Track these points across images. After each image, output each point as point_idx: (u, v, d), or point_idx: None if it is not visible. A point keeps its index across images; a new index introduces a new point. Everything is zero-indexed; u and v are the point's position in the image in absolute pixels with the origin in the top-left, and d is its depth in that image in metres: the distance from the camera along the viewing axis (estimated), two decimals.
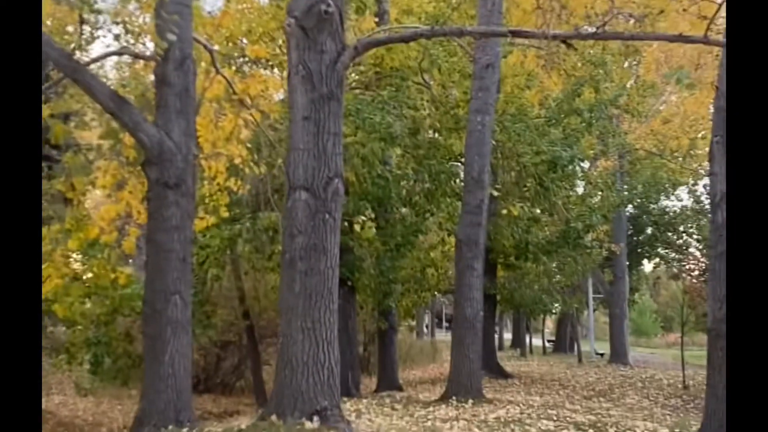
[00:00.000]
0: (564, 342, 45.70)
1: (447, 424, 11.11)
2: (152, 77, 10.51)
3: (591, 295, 35.56)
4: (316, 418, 7.80)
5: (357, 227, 9.03)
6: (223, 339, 23.90)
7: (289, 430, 7.49)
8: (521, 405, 14.28)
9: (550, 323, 57.52)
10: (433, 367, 30.06)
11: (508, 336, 54.54)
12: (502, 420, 11.89)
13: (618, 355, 30.21)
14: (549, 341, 48.12)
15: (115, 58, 18.12)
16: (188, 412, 9.93)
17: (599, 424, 11.85)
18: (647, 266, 48.09)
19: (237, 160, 11.94)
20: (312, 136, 8.16)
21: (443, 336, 54.88)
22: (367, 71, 17.81)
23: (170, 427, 9.49)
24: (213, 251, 15.61)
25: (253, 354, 20.81)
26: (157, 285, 9.91)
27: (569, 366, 29.27)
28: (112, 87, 11.24)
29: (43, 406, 20.22)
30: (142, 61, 12.56)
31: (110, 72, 23.79)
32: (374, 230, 13.49)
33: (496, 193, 16.57)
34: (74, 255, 12.58)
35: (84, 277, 13.26)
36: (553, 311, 34.60)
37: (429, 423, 11.27)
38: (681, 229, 38.01)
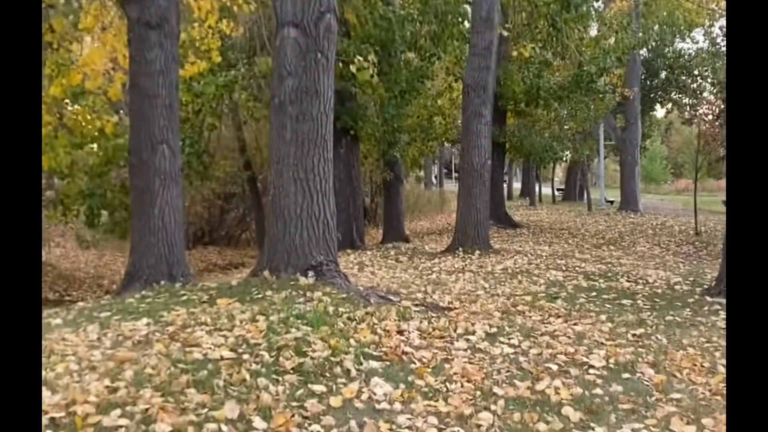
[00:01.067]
0: (573, 190, 45.38)
1: (452, 277, 10.70)
2: None
3: (602, 142, 34.94)
4: (311, 273, 7.29)
5: (352, 68, 8.24)
6: (226, 191, 23.59)
7: (282, 285, 6.99)
8: (529, 255, 13.88)
9: (559, 172, 57.15)
10: (441, 218, 29.80)
11: (517, 185, 54.21)
12: (510, 271, 11.48)
13: (628, 203, 29.76)
14: (558, 190, 47.77)
15: None
16: (181, 266, 9.49)
17: (609, 274, 11.43)
18: (659, 112, 47.25)
19: None
20: None
21: (452, 186, 54.65)
22: None
23: (162, 282, 9.08)
24: (208, 99, 14.87)
25: (257, 205, 20.44)
26: (143, 133, 9.29)
27: (579, 214, 28.93)
28: None
29: (44, 258, 20.07)
30: None
31: None
32: (373, 74, 12.64)
33: (505, 33, 15.54)
34: (62, 103, 11.83)
35: (70, 127, 12.54)
36: (564, 159, 34.02)
37: (434, 275, 10.86)
38: (696, 72, 36.91)
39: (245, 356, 4.86)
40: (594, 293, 9.21)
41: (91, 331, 5.49)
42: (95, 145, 14.58)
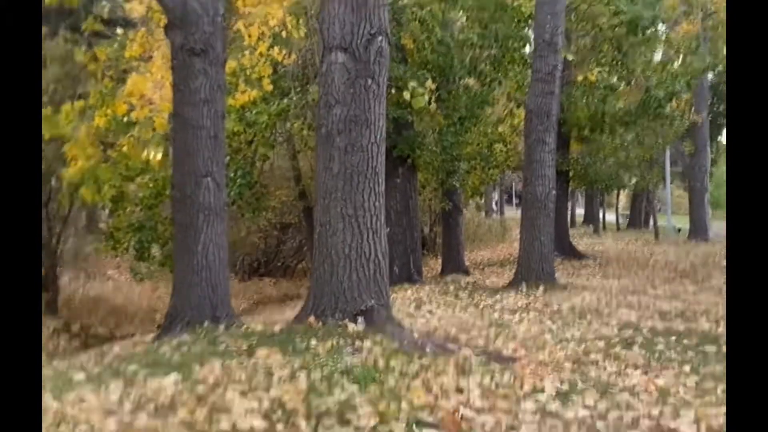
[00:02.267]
0: (639, 217, 44.13)
1: (515, 316, 9.97)
2: None
3: (668, 168, 33.88)
4: (360, 319, 6.65)
5: (406, 95, 7.63)
6: (282, 221, 23.18)
7: (328, 333, 6.37)
8: (598, 290, 13.02)
9: (623, 197, 55.74)
10: (503, 248, 28.90)
11: (579, 211, 52.86)
12: (578, 310, 10.71)
13: (698, 231, 28.61)
14: (623, 216, 46.37)
15: None
16: (225, 307, 8.95)
17: (687, 313, 10.56)
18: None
19: (272, 22, 10.48)
20: None
21: (514, 213, 53.67)
22: None
23: (205, 323, 8.54)
24: (260, 128, 14.41)
25: (311, 236, 19.88)
26: (187, 166, 8.81)
27: (646, 243, 27.82)
28: None
29: (99, 292, 19.86)
30: None
31: None
32: (431, 100, 12.13)
33: (570, 57, 14.82)
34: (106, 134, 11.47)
35: (115, 158, 12.15)
36: (629, 186, 33.01)
37: (496, 315, 10.15)
38: None
39: (279, 426, 4.23)
40: (673, 337, 8.39)
41: (113, 391, 4.92)
42: (146, 177, 14.26)
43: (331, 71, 6.79)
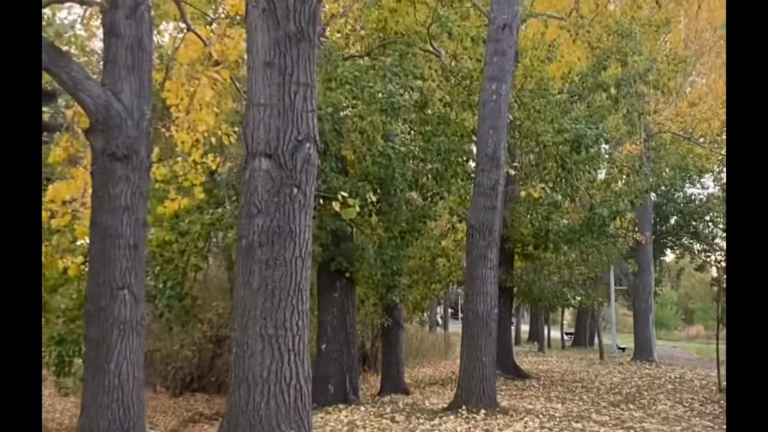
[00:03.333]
0: (584, 335, 43.95)
1: None
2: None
3: (613, 287, 33.91)
4: None
5: (335, 205, 7.19)
6: (218, 334, 22.26)
7: None
8: (541, 416, 12.42)
9: (568, 315, 55.68)
10: (445, 365, 28.23)
11: (525, 327, 52.51)
12: None
13: (642, 351, 28.33)
14: (567, 334, 46.11)
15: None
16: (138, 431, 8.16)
17: None
18: (669, 257, 46.24)
19: (201, 128, 10.03)
20: (276, 87, 6.24)
21: (458, 328, 53.03)
22: (369, 36, 15.91)
23: None
24: (193, 238, 13.82)
25: None
26: (102, 277, 8.16)
27: (591, 363, 27.45)
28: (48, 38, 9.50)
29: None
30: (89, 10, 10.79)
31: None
32: (371, 212, 11.77)
33: (512, 172, 14.60)
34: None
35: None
36: (574, 304, 32.87)
37: None
38: (707, 218, 36.10)
39: None
40: None
41: None
42: (70, 288, 13.47)
43: (254, 178, 6.28)
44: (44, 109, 22.25)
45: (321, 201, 13.11)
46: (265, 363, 6.13)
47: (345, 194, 7.83)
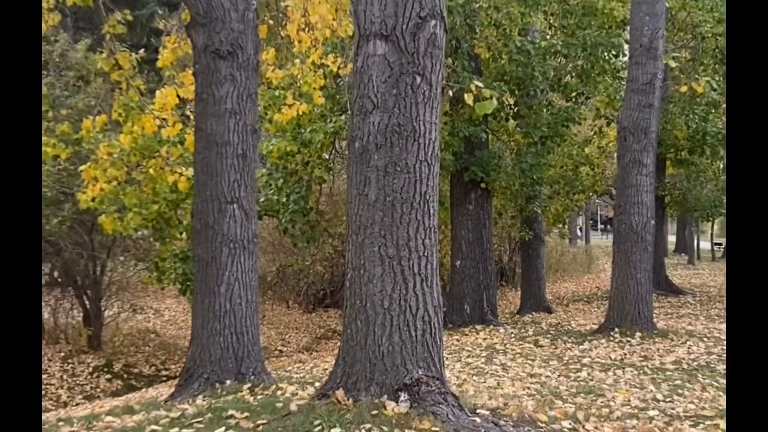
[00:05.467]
0: None
1: (609, 376, 8.12)
2: None
3: None
4: (403, 396, 4.90)
5: (468, 98, 6.03)
6: None
7: (358, 416, 4.66)
8: (705, 339, 10.98)
9: (718, 224, 52.52)
10: (589, 279, 26.78)
11: (670, 238, 49.87)
12: (685, 366, 8.80)
13: None
14: (716, 244, 43.22)
15: None
16: (253, 360, 7.44)
17: None
18: None
19: (314, 18, 8.85)
20: None
21: (599, 240, 51.06)
22: None
23: (227, 382, 7.03)
24: (316, 149, 12.91)
25: None
26: (209, 191, 7.40)
27: None
28: None
29: (149, 325, 18.56)
30: None
31: None
32: (508, 117, 10.52)
33: (674, 64, 12.81)
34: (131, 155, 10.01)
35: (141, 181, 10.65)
36: None
37: (584, 373, 8.30)
38: None
39: None
40: None
41: None
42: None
43: (367, 67, 5.09)
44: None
45: (451, 94, 11.85)
46: (386, 290, 5.02)
47: (480, 84, 6.55)
